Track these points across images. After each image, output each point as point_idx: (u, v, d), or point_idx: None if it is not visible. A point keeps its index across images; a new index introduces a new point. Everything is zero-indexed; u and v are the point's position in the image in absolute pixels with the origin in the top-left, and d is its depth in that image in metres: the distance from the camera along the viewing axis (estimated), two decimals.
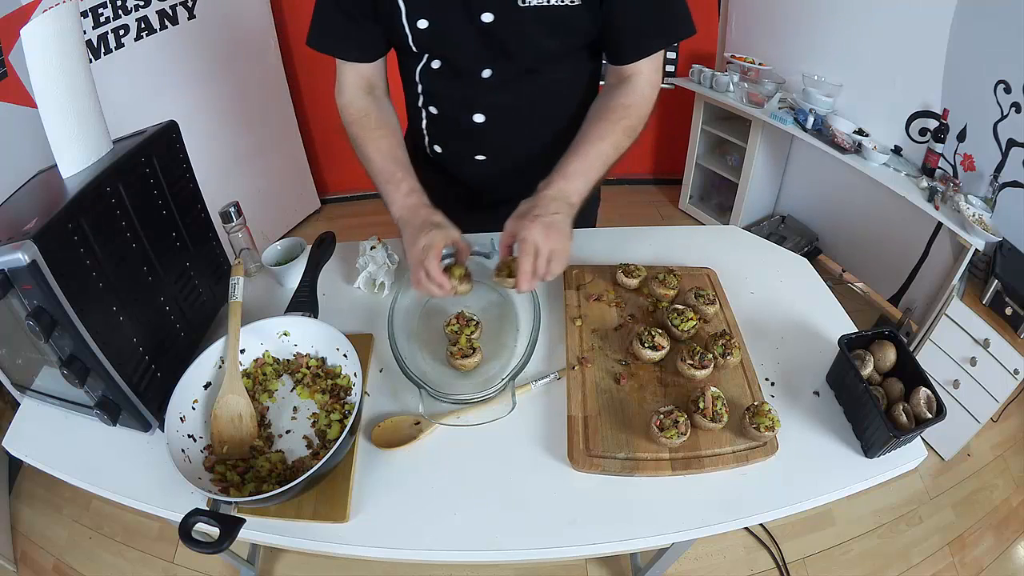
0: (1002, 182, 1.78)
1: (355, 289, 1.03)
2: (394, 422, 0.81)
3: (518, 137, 1.01)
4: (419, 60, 0.95)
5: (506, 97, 0.95)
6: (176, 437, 0.73)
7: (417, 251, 0.80)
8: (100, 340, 0.69)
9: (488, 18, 0.84)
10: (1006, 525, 1.68)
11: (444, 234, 0.81)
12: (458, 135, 1.02)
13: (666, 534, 0.70)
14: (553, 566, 1.57)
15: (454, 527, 0.70)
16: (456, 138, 1.04)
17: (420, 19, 0.86)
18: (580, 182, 0.85)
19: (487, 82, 0.92)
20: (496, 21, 0.84)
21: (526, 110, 0.97)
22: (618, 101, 0.91)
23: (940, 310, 1.79)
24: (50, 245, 0.62)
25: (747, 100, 2.42)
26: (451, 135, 1.04)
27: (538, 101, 0.97)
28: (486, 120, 0.97)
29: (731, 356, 0.83)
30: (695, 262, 1.07)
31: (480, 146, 1.02)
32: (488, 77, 0.92)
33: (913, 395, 0.78)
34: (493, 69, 0.91)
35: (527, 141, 1.01)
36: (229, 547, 0.60)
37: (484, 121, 0.97)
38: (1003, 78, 1.71)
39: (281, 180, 2.76)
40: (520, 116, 0.98)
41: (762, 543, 1.62)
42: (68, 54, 0.70)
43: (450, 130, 1.03)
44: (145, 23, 1.96)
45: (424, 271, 0.80)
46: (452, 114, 1.00)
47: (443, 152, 1.07)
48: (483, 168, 1.04)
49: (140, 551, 1.62)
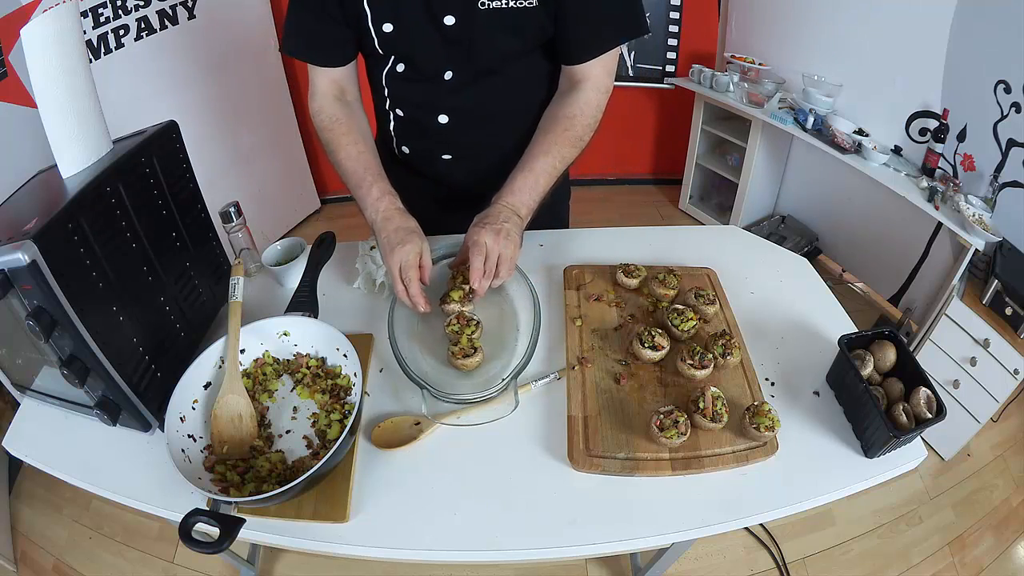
0: (1002, 182, 1.78)
1: (355, 289, 1.03)
2: (394, 423, 0.81)
3: (481, 136, 1.04)
4: (385, 63, 0.97)
5: (467, 98, 0.97)
6: (176, 437, 0.72)
7: (395, 271, 0.86)
8: (100, 340, 0.69)
9: (450, 20, 0.87)
10: (1006, 525, 1.68)
11: (416, 248, 0.86)
12: (424, 136, 1.05)
13: (666, 534, 0.70)
14: (553, 566, 1.57)
15: (454, 527, 0.70)
16: (422, 139, 1.06)
17: (385, 23, 0.89)
18: (527, 195, 0.90)
19: (449, 84, 0.95)
20: (457, 23, 0.87)
21: (487, 110, 1.00)
22: (563, 112, 0.95)
23: (940, 310, 1.79)
24: (50, 245, 0.62)
25: (747, 100, 2.42)
26: (418, 136, 1.06)
27: (498, 101, 0.99)
28: (449, 121, 1.00)
29: (731, 356, 0.83)
30: (695, 262, 1.07)
31: (446, 146, 1.05)
32: (450, 79, 0.95)
33: (913, 395, 0.78)
34: (453, 71, 0.94)
35: (490, 140, 1.04)
36: (229, 547, 0.60)
37: (448, 122, 1.00)
38: (1003, 78, 1.71)
39: (281, 180, 2.76)
40: (482, 116, 1.00)
41: (762, 543, 1.62)
42: (68, 54, 0.70)
43: (416, 132, 1.06)
44: (145, 23, 1.96)
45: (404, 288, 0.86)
46: (417, 116, 1.02)
47: (411, 152, 1.09)
48: (450, 167, 1.07)
49: (140, 551, 1.62)
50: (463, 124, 1.01)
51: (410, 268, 0.85)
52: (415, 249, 0.86)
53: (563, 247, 1.12)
